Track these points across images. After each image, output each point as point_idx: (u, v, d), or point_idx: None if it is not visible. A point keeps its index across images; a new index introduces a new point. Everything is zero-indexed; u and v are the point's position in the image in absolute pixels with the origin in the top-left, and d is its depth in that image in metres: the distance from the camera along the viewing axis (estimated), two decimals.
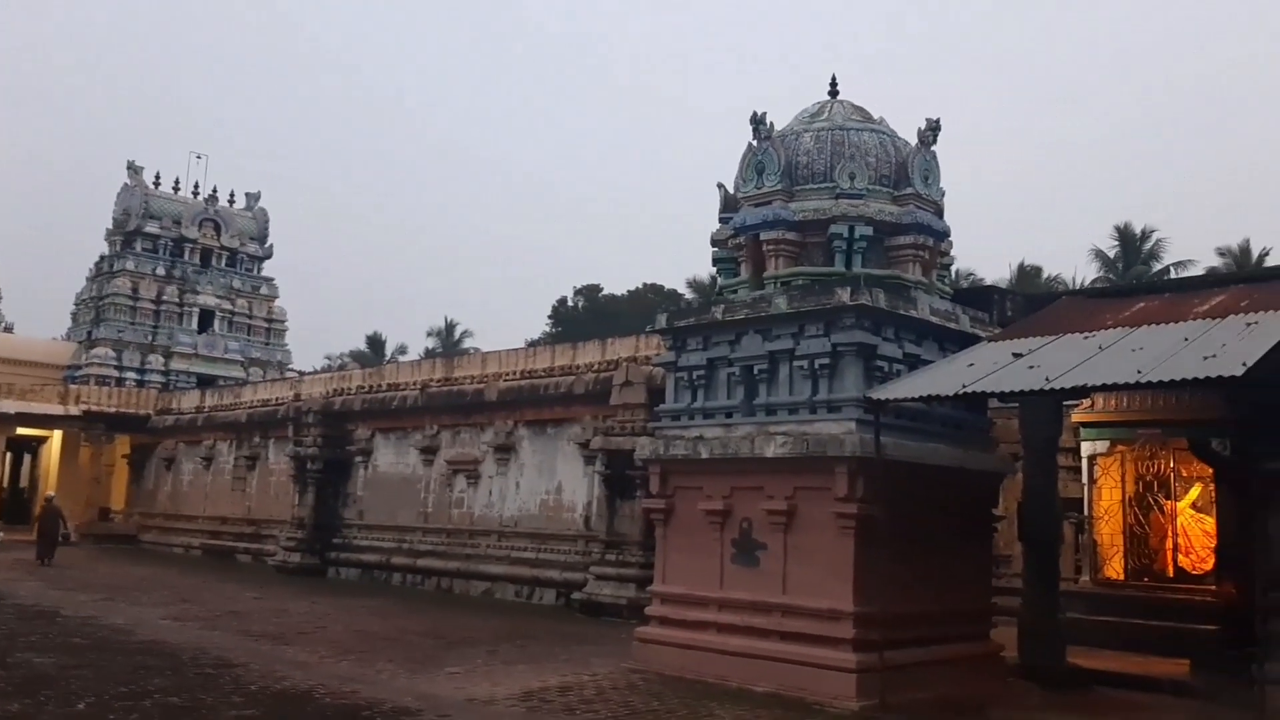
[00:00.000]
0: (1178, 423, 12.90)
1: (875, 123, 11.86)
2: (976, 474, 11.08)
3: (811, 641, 9.86)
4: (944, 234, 11.60)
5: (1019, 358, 9.56)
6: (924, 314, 10.77)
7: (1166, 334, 9.34)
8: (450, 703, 9.04)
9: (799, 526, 10.24)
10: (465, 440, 20.62)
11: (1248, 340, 8.49)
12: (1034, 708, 9.79)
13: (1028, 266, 35.90)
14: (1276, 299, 9.70)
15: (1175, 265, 32.45)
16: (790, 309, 10.65)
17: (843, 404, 10.15)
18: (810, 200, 11.37)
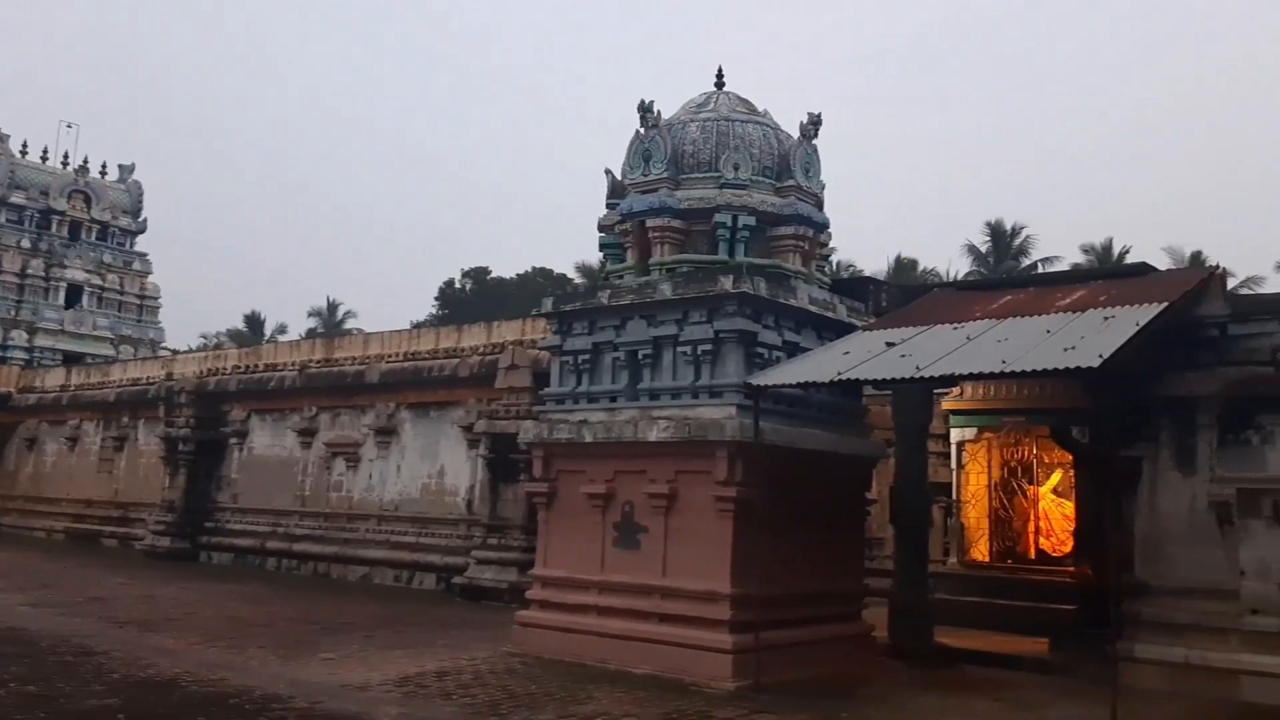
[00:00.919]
0: (1041, 411, 13.53)
1: (759, 115, 12.05)
2: (851, 458, 11.40)
3: (690, 623, 10.02)
4: (824, 225, 11.88)
5: (892, 346, 9.87)
6: (803, 303, 11.01)
7: (1030, 326, 9.76)
8: (323, 689, 8.88)
9: (680, 509, 10.39)
10: (345, 423, 20.20)
11: (1105, 333, 8.93)
12: (902, 686, 10.15)
13: (905, 259, 37.11)
14: (1133, 294, 10.24)
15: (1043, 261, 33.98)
16: (675, 295, 10.76)
17: (724, 389, 10.31)
18: (696, 189, 11.48)
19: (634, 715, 8.20)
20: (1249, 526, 10.10)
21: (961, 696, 9.64)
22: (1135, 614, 10.51)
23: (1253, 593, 9.93)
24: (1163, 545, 10.54)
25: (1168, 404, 10.64)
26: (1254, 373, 10.17)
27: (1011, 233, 35.84)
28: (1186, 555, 10.38)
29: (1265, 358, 10.19)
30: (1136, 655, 10.29)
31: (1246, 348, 10.39)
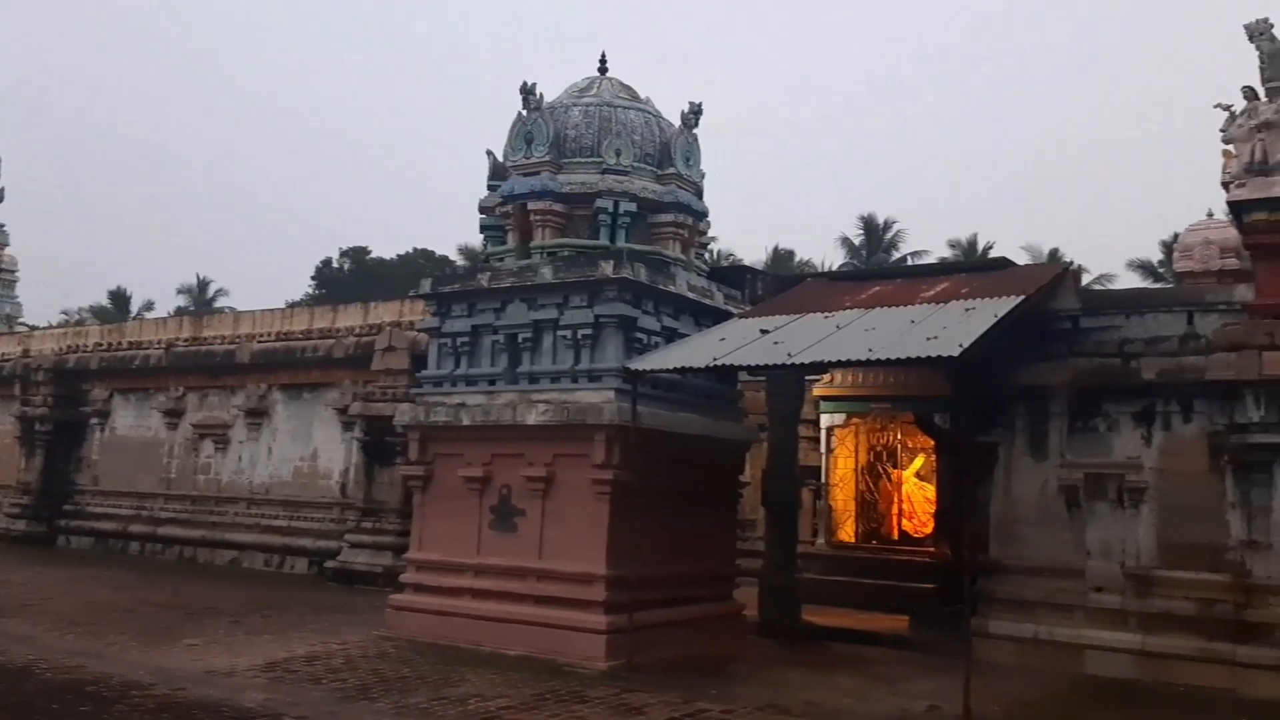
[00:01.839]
0: (906, 398, 14.09)
1: (642, 102, 12.15)
2: (725, 442, 11.66)
3: (565, 605, 10.11)
4: (703, 214, 12.07)
5: (766, 334, 10.13)
6: (682, 290, 11.18)
7: (896, 316, 10.14)
8: (186, 676, 8.64)
9: (557, 493, 10.45)
10: (214, 403, 19.56)
11: (966, 324, 9.33)
12: (770, 663, 10.46)
13: (782, 250, 37.93)
14: (993, 288, 10.74)
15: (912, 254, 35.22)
16: (556, 279, 10.79)
17: (603, 374, 10.40)
18: (578, 173, 11.52)
19: (507, 696, 8.25)
20: (1095, 509, 10.77)
21: (826, 672, 10.00)
22: (990, 592, 11.08)
23: (1097, 571, 10.61)
24: (1016, 526, 11.13)
25: (1023, 393, 11.20)
26: (1102, 364, 10.82)
27: (884, 227, 37.09)
28: (1037, 536, 10.99)
29: (1113, 350, 10.85)
30: (990, 631, 10.85)
31: (1096, 340, 11.03)
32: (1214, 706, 8.83)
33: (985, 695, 8.60)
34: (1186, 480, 10.31)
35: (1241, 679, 9.55)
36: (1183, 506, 10.28)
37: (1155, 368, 10.49)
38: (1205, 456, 10.26)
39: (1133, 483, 10.55)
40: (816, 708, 8.29)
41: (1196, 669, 9.78)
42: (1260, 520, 9.88)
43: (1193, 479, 10.29)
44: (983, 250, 34.00)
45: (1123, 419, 10.75)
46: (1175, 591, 10.15)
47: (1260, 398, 9.93)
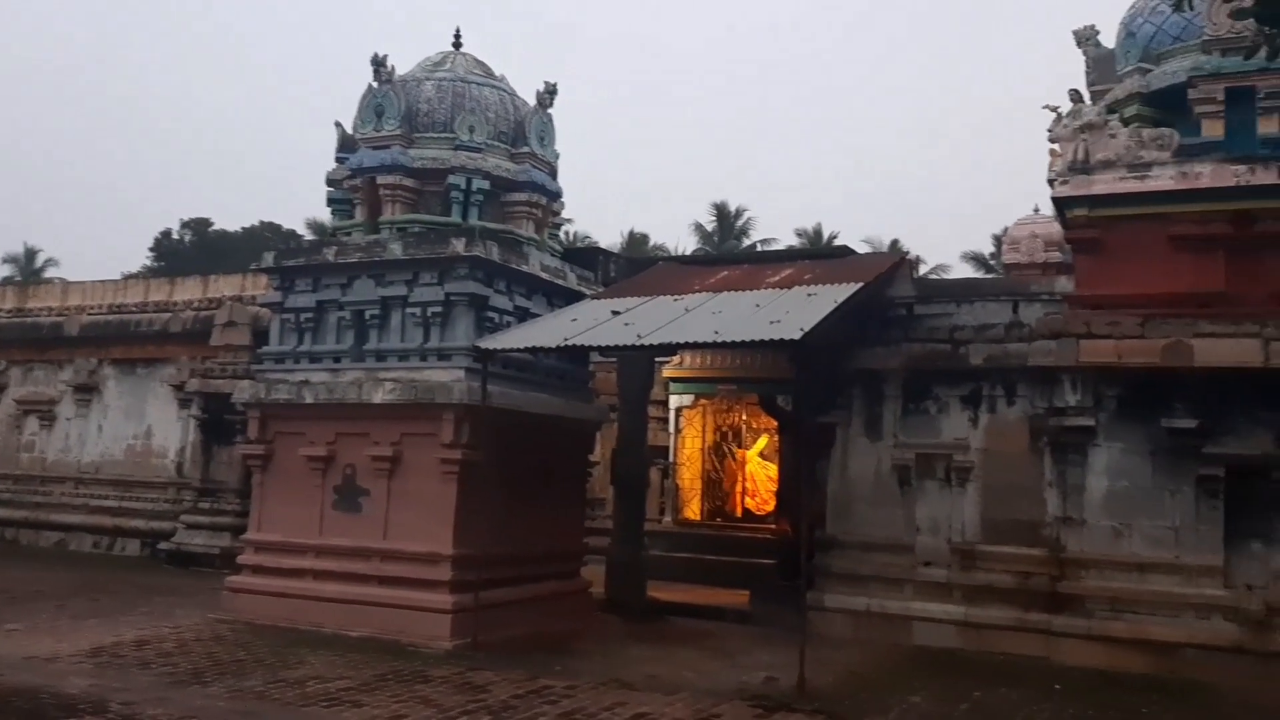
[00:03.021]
0: (752, 380, 14.46)
1: (496, 79, 12.02)
2: (575, 422, 11.71)
3: (410, 585, 10.00)
4: (557, 194, 12.05)
5: (617, 315, 10.20)
6: (535, 269, 11.15)
7: (742, 300, 10.38)
8: (6, 662, 8.14)
9: (404, 473, 10.30)
10: (39, 378, 18.40)
11: (807, 309, 9.62)
12: (614, 639, 10.61)
13: (638, 234, 38.22)
14: (834, 274, 11.11)
15: (761, 241, 36.07)
16: (405, 256, 10.59)
17: (453, 352, 10.29)
18: (430, 149, 11.32)
19: (347, 677, 8.10)
20: (925, 487, 11.32)
21: (668, 646, 10.21)
22: (826, 566, 11.52)
23: (925, 546, 11.16)
24: (851, 504, 11.59)
25: (860, 376, 11.66)
26: (934, 349, 11.35)
27: (735, 214, 37.90)
28: (871, 513, 11.48)
29: (944, 336, 11.39)
30: (826, 605, 11.28)
31: (929, 327, 11.56)
32: (1029, 673, 9.41)
33: (820, 666, 8.95)
34: (1009, 460, 10.94)
35: (1055, 647, 10.22)
36: (1005, 485, 10.91)
37: (983, 354, 11.08)
38: (1026, 438, 10.91)
39: (960, 463, 11.13)
40: (658, 681, 8.45)
41: (1014, 638, 10.41)
42: (1075, 498, 10.58)
43: (1014, 459, 10.92)
44: (828, 239, 35.10)
45: (952, 402, 11.31)
46: (996, 565, 10.78)
47: (1077, 383, 10.61)
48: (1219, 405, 9.94)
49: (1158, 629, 9.88)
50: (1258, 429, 9.81)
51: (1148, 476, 10.23)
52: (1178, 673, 9.48)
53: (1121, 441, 10.37)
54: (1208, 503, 9.96)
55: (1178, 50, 11.83)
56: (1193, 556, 9.94)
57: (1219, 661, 9.49)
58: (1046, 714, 7.86)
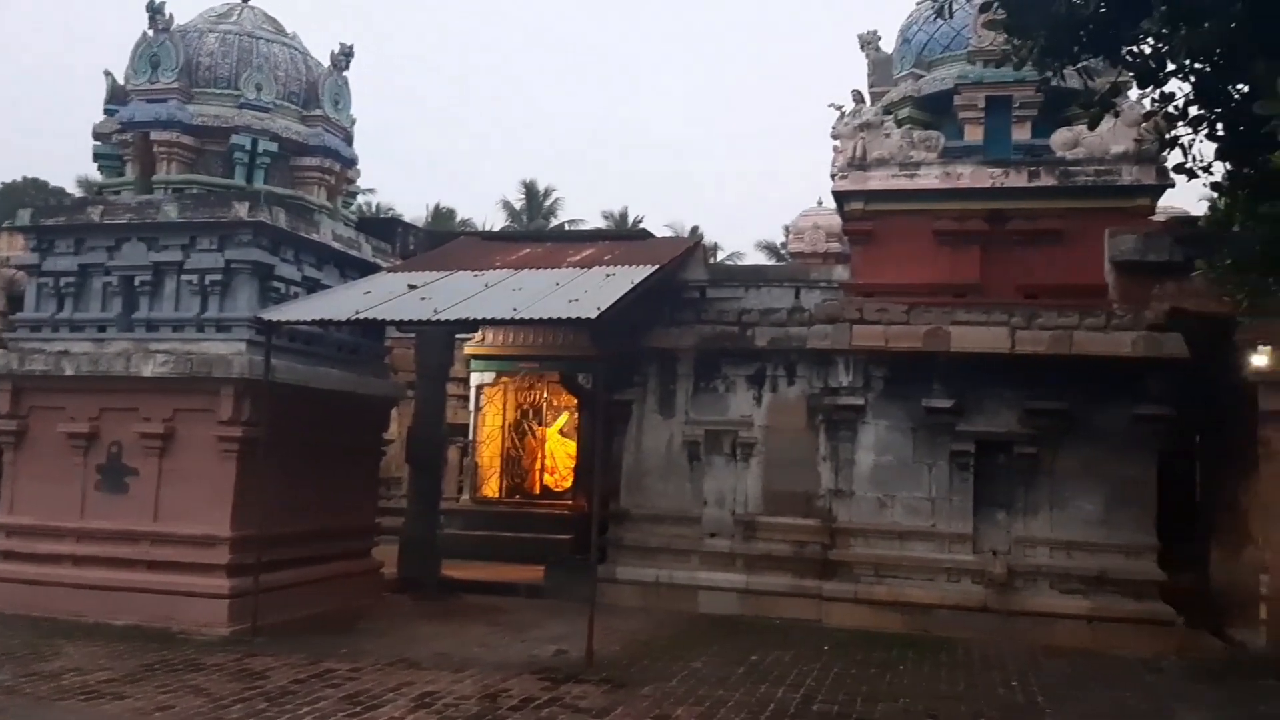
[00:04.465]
0: (553, 358, 14.57)
1: (288, 37, 11.51)
2: (368, 399, 11.45)
3: (184, 570, 9.52)
4: (352, 161, 11.70)
5: (414, 289, 10.03)
6: (326, 238, 10.79)
7: (542, 278, 10.43)
8: None
9: (177, 451, 9.77)
10: None
11: (605, 289, 9.78)
12: (404, 617, 10.50)
13: (444, 208, 37.52)
14: (633, 256, 11.34)
15: (569, 221, 36.16)
16: (181, 218, 10.00)
17: (233, 324, 9.82)
18: (211, 105, 10.74)
19: (109, 668, 7.65)
20: (712, 462, 11.78)
21: (460, 623, 10.20)
22: (618, 539, 11.81)
23: (711, 518, 11.63)
24: (644, 478, 11.93)
25: (656, 355, 11.99)
26: (723, 331, 11.80)
27: (544, 193, 37.80)
28: (662, 487, 11.85)
29: (733, 319, 11.86)
30: (617, 576, 11.58)
31: (719, 309, 12.01)
32: (802, 635, 10.01)
33: (609, 636, 9.22)
34: (788, 436, 11.55)
35: (825, 611, 10.92)
36: (784, 460, 11.51)
37: (767, 336, 11.62)
38: (804, 415, 11.54)
39: (744, 438, 11.65)
40: (446, 659, 8.44)
41: (790, 603, 11.05)
42: (845, 471, 11.29)
43: (793, 435, 11.54)
44: (633, 222, 35.66)
45: (739, 381, 11.81)
46: (775, 535, 11.37)
47: (849, 365, 11.31)
48: (972, 386, 10.85)
49: (915, 591, 10.72)
50: (1003, 408, 10.79)
51: (909, 451, 11.05)
52: (932, 631, 10.34)
53: (887, 419, 11.15)
54: (960, 475, 10.87)
55: (947, 59, 12.73)
56: (946, 525, 10.83)
57: (967, 620, 10.42)
58: (815, 672, 8.39)
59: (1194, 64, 5.35)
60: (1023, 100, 12.02)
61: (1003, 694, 8.03)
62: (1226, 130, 5.56)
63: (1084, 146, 11.65)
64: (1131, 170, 11.48)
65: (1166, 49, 5.21)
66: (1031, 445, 10.69)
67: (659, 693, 7.51)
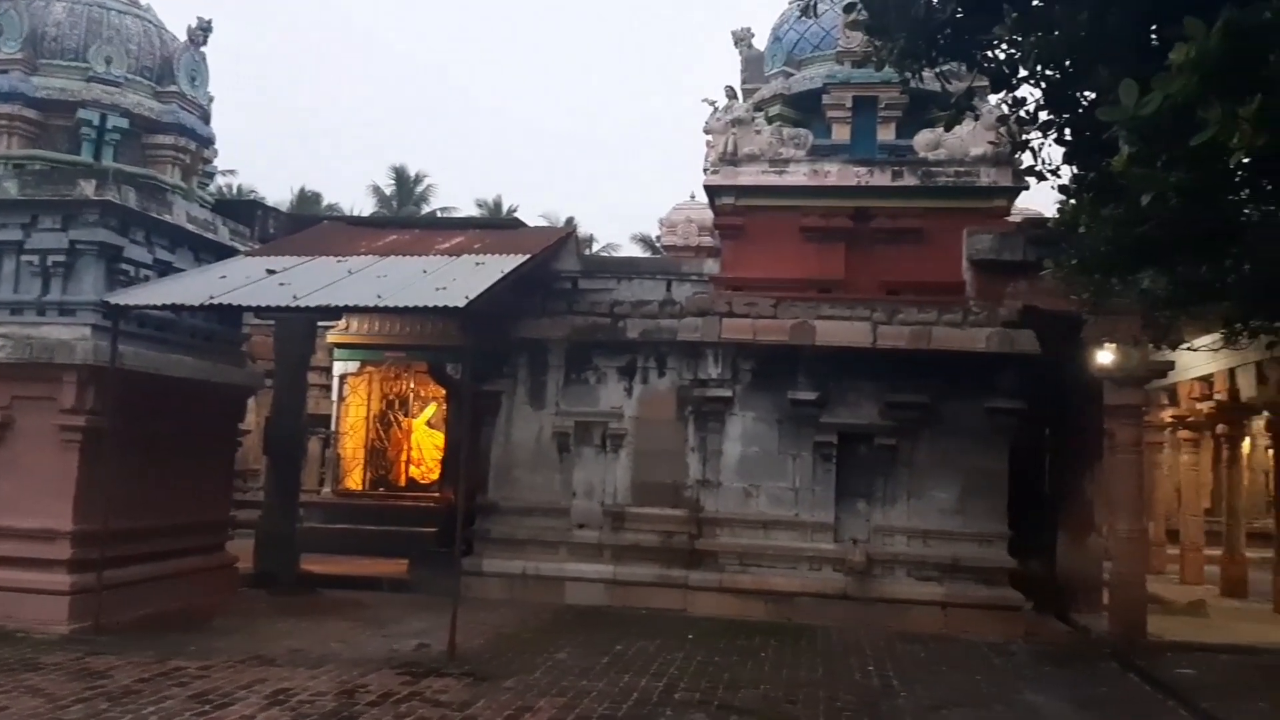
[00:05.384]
0: (421, 348, 14.29)
1: (141, 8, 10.95)
2: (223, 387, 10.97)
3: (22, 565, 8.93)
4: (209, 140, 11.21)
5: (272, 274, 9.68)
6: (180, 220, 10.27)
7: (410, 265, 10.21)
8: None
9: (15, 440, 9.17)
10: None
11: (474, 277, 9.64)
12: (260, 614, 10.12)
13: (309, 192, 36.39)
14: (504, 245, 11.20)
15: (441, 209, 35.60)
16: (22, 196, 9.36)
17: (78, 307, 9.26)
18: (57, 78, 10.14)
19: None
20: (582, 453, 11.75)
21: (318, 619, 9.91)
22: (485, 532, 11.68)
23: (580, 510, 11.61)
24: (512, 470, 11.82)
25: (527, 345, 11.88)
26: (595, 322, 11.78)
27: (415, 179, 37.06)
28: (531, 478, 11.77)
29: (605, 310, 11.85)
30: (484, 569, 11.45)
31: (591, 300, 11.99)
32: (668, 625, 10.09)
33: (472, 629, 9.10)
34: (658, 428, 11.62)
35: (691, 600, 11.04)
36: (654, 451, 11.58)
37: (639, 328, 11.66)
38: (674, 407, 11.63)
39: (615, 430, 11.66)
40: (303, 655, 8.18)
41: (657, 593, 11.13)
42: (713, 462, 11.44)
43: (663, 427, 11.61)
44: (507, 211, 35.32)
45: (610, 372, 11.82)
46: (643, 526, 11.43)
47: (718, 357, 11.45)
48: (835, 379, 11.13)
49: (778, 580, 10.95)
50: (865, 401, 11.10)
51: (775, 442, 11.27)
52: (794, 618, 10.58)
53: (754, 411, 11.34)
54: (823, 466, 11.15)
55: (816, 58, 13.04)
56: (810, 514, 11.09)
57: (828, 607, 10.70)
58: (679, 661, 8.47)
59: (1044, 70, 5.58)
60: (888, 101, 12.41)
61: (859, 679, 8.27)
62: (1074, 135, 5.82)
63: (945, 148, 12.10)
64: (989, 172, 11.99)
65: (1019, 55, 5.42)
66: (891, 437, 11.03)
67: (522, 685, 7.45)
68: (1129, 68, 4.14)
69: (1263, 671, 9.02)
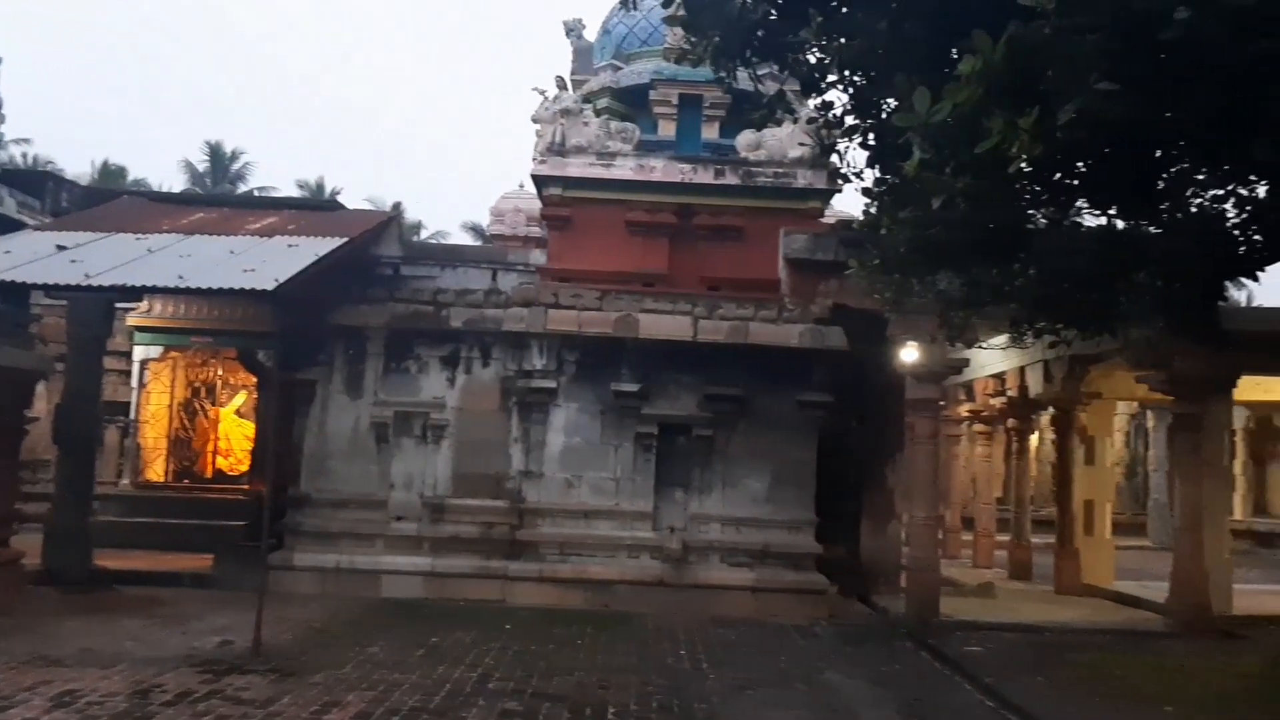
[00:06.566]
0: (230, 333, 13.60)
1: None
2: (7, 371, 10.15)
3: None
4: None
5: (63, 250, 9.07)
6: None
7: (216, 245, 9.75)
8: None
9: None
10: None
11: (286, 260, 9.29)
12: (48, 612, 9.43)
13: (112, 165, 34.09)
14: (320, 227, 10.84)
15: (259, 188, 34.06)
16: None
17: None
18: None
19: None
20: (401, 444, 11.50)
21: (111, 617, 9.31)
22: (297, 525, 11.27)
23: (399, 502, 11.36)
24: (327, 461, 11.45)
25: (344, 333, 11.52)
26: (418, 310, 11.55)
27: (231, 156, 35.27)
28: (347, 470, 11.43)
29: (428, 298, 11.63)
30: (295, 563, 11.06)
31: (414, 288, 11.74)
32: (486, 616, 10.01)
33: (281, 625, 8.78)
34: (481, 418, 11.50)
35: (510, 591, 10.99)
36: (476, 442, 11.46)
37: (463, 317, 11.50)
38: (497, 398, 11.55)
39: (436, 420, 11.48)
40: (93, 654, 7.67)
41: (476, 585, 11.03)
42: (536, 453, 11.42)
43: (486, 417, 11.51)
44: (330, 194, 34.17)
45: (432, 362, 11.61)
46: (464, 517, 11.30)
47: (543, 348, 11.44)
48: (657, 372, 11.31)
49: (597, 568, 11.06)
50: (684, 393, 11.34)
51: (597, 433, 11.36)
52: (612, 606, 10.71)
53: (578, 402, 11.40)
54: (643, 456, 11.32)
55: (644, 53, 13.22)
56: (629, 503, 11.25)
57: (646, 594, 10.88)
58: (495, 651, 8.43)
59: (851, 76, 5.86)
60: (713, 100, 12.70)
61: (671, 662, 8.45)
62: (876, 140, 6.13)
63: (765, 149, 12.49)
64: (806, 174, 12.45)
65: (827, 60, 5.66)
66: (709, 428, 11.31)
67: (330, 679, 7.23)
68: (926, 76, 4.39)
69: (1041, 648, 9.74)
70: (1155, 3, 3.49)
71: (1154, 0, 3.49)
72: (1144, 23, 3.53)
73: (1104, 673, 8.63)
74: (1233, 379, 11.33)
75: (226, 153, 35.35)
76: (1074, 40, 3.70)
